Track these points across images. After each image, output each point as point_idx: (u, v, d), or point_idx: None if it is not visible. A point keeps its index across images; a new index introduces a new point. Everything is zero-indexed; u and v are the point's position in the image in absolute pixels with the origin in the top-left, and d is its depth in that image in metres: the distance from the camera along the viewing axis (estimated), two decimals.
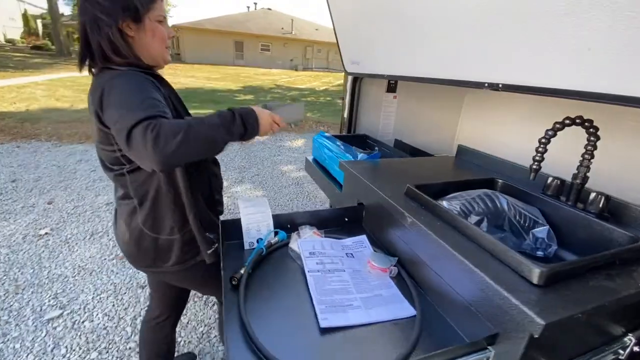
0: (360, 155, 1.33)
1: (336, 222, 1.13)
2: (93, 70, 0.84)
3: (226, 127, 0.78)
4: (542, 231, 0.84)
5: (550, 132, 0.84)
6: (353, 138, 1.86)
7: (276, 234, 0.99)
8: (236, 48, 24.63)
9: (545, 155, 0.80)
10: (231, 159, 4.67)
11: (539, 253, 0.85)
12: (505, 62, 0.91)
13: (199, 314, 1.88)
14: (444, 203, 0.90)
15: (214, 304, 1.95)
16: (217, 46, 23.58)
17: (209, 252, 1.00)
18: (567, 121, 0.81)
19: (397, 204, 0.90)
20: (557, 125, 0.82)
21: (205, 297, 2.01)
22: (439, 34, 1.10)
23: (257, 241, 0.97)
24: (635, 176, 0.99)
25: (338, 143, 1.57)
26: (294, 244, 0.97)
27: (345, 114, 1.97)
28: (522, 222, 0.86)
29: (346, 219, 1.14)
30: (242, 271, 0.80)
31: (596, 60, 0.70)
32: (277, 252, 0.95)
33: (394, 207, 0.90)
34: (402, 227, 0.90)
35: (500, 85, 0.92)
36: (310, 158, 1.76)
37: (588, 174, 0.84)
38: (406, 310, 0.74)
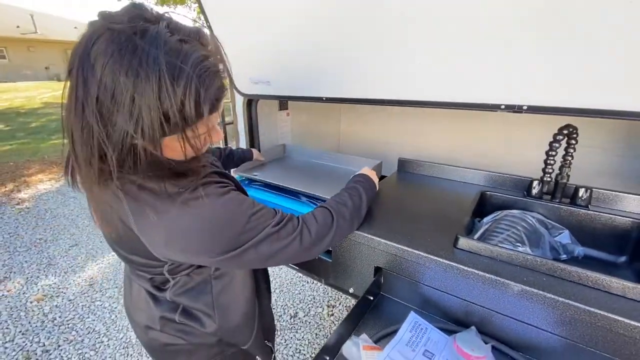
0: None
1: (364, 309, 0.82)
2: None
3: (358, 207, 0.81)
4: (564, 236, 0.87)
5: (555, 145, 0.86)
6: None
7: None
8: None
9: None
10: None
11: (563, 257, 0.88)
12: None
13: None
14: (501, 244, 0.78)
15: None
16: None
17: None
18: (565, 131, 0.85)
19: (462, 264, 0.70)
20: (559, 137, 0.85)
21: None
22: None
23: None
24: None
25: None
26: None
27: (243, 144, 1.54)
28: (550, 233, 0.87)
29: (371, 298, 0.84)
30: None
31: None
32: None
33: (458, 268, 0.70)
34: (464, 284, 0.72)
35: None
36: None
37: (569, 173, 0.93)
38: None
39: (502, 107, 0.77)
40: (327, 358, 0.66)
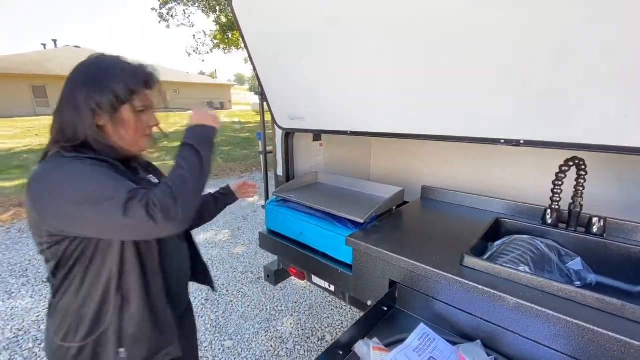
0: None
1: (377, 318, 0.91)
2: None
3: (196, 163, 0.78)
4: (575, 263, 0.91)
5: (561, 175, 0.93)
6: None
7: None
8: (36, 94, 19.11)
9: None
10: None
11: (577, 284, 0.91)
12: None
13: None
14: (507, 265, 0.85)
15: None
16: (4, 93, 17.63)
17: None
18: (570, 163, 0.92)
19: (466, 279, 0.78)
20: (564, 168, 0.92)
21: None
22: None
23: None
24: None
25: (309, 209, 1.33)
26: None
27: (280, 170, 1.74)
28: (559, 258, 0.91)
29: (385, 308, 0.93)
30: None
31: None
32: None
33: (461, 282, 0.78)
34: (469, 298, 0.79)
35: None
36: (264, 231, 1.43)
37: (582, 202, 0.97)
38: None
39: (502, 141, 0.87)
40: (340, 352, 0.76)
